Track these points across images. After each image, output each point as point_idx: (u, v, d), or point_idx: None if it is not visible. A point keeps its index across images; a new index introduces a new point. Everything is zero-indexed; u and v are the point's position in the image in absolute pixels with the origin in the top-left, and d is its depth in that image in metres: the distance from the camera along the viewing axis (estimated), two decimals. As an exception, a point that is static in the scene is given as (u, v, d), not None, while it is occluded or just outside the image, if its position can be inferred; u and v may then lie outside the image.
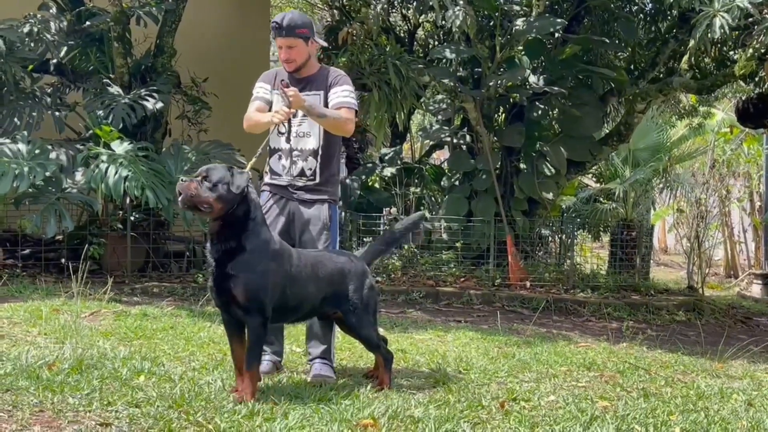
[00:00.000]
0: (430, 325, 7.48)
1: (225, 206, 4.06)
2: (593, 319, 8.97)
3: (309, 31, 4.80)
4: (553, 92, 10.52)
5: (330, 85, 4.84)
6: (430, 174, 12.84)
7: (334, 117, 4.73)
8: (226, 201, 4.05)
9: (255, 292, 4.10)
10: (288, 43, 4.75)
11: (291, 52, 4.77)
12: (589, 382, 5.26)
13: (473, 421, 4.02)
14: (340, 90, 4.81)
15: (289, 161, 4.88)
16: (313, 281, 4.41)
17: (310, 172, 4.86)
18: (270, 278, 4.16)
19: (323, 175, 4.88)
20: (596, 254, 12.48)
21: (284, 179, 4.89)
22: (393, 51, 9.94)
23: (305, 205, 4.87)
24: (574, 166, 11.25)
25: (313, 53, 4.90)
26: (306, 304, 4.43)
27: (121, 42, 9.27)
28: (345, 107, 4.78)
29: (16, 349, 4.85)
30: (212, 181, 4.04)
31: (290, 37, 4.73)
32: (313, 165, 4.86)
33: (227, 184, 4.04)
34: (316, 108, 4.70)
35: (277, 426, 3.63)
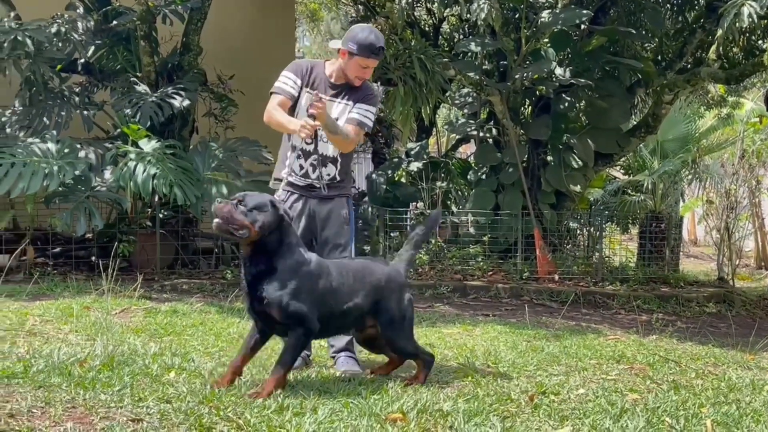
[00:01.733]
0: (458, 319, 7.47)
1: (260, 232, 4.08)
2: (622, 311, 8.91)
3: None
4: (579, 84, 10.45)
5: (360, 99, 4.84)
6: (456, 168, 12.81)
7: (342, 136, 4.73)
8: (262, 227, 4.07)
9: (289, 308, 4.10)
10: (372, 64, 4.77)
11: (368, 73, 4.82)
12: (618, 375, 5.22)
13: (502, 414, 4.00)
14: (363, 108, 4.82)
15: (309, 163, 4.86)
16: (356, 292, 4.40)
17: (329, 177, 4.88)
18: (304, 294, 4.14)
19: (341, 175, 4.93)
20: (625, 246, 12.38)
21: (304, 180, 4.88)
22: (418, 45, 9.91)
23: (324, 202, 4.88)
24: (602, 158, 11.18)
25: None
26: (351, 315, 4.42)
27: (148, 40, 9.33)
28: (355, 125, 4.79)
29: (48, 347, 4.90)
30: (248, 206, 4.07)
31: (377, 58, 4.77)
32: (332, 171, 4.89)
33: (264, 212, 4.07)
34: (332, 126, 4.69)
35: (306, 420, 3.64)
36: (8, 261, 8.02)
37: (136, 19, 9.24)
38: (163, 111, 8.85)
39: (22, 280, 8.09)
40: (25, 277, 8.25)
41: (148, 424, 3.49)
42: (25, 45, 8.58)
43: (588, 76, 10.63)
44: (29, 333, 5.42)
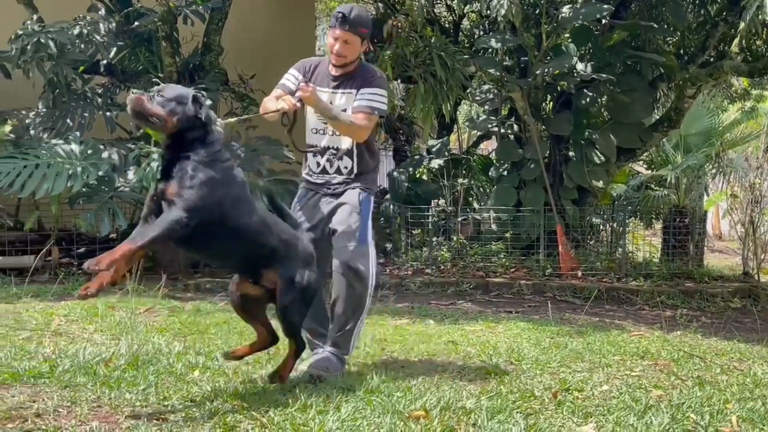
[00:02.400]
0: (480, 316, 7.46)
1: (177, 124, 3.88)
2: (646, 307, 8.87)
3: (368, 32, 4.60)
4: (601, 79, 10.40)
5: (363, 84, 4.59)
6: (477, 164, 12.79)
7: (347, 123, 4.51)
8: (179, 119, 3.87)
9: (182, 190, 3.77)
10: (346, 37, 4.49)
11: (345, 48, 4.52)
12: (642, 371, 5.20)
13: (526, 411, 4.00)
14: (368, 92, 4.56)
15: (325, 159, 4.71)
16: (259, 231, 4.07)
17: (346, 171, 4.68)
18: (204, 184, 3.81)
19: (359, 169, 4.69)
20: (648, 242, 12.30)
21: (321, 177, 4.73)
22: (438, 42, 9.90)
23: (337, 196, 4.68)
24: (625, 153, 11.11)
25: (361, 53, 4.70)
26: (242, 244, 4.03)
27: (169, 41, 9.38)
28: (363, 112, 4.52)
29: (74, 346, 4.94)
30: (166, 96, 3.88)
31: (351, 32, 4.48)
32: (348, 164, 4.68)
33: (183, 104, 3.87)
34: (330, 110, 4.50)
35: (329, 418, 3.65)
36: (34, 262, 8.10)
37: (157, 20, 9.28)
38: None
39: (47, 280, 8.17)
40: (51, 277, 8.34)
41: (172, 423, 3.52)
42: (48, 47, 8.65)
43: (609, 71, 10.56)
44: (55, 333, 5.48)
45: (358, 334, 4.75)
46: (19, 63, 8.76)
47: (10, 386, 3.96)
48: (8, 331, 5.39)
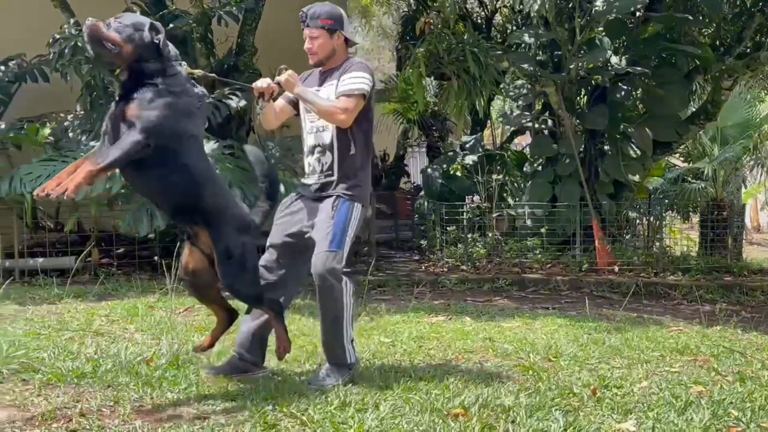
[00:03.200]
0: (517, 312, 7.43)
1: (132, 51, 3.79)
2: (685, 302, 8.79)
3: (335, 23, 4.41)
4: (636, 72, 10.31)
5: (342, 72, 4.41)
6: (512, 160, 12.75)
7: (323, 106, 4.32)
8: (136, 46, 3.78)
9: (142, 111, 3.72)
10: (310, 33, 4.40)
11: (313, 44, 4.41)
12: (682, 367, 5.16)
13: (565, 408, 3.98)
14: (348, 77, 4.36)
15: (313, 158, 4.49)
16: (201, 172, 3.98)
17: (326, 167, 4.42)
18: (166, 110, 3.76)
19: (341, 170, 4.40)
20: (686, 235, 12.19)
21: (309, 179, 4.50)
22: (471, 38, 9.88)
23: (316, 201, 4.43)
24: (661, 146, 11.02)
25: (339, 47, 4.48)
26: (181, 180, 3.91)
27: (204, 42, 9.45)
28: (344, 95, 4.32)
29: (115, 346, 5.01)
30: (123, 22, 3.80)
31: (312, 27, 4.39)
32: (329, 159, 4.42)
33: (140, 30, 3.79)
34: (307, 95, 4.35)
35: (368, 416, 3.67)
36: (74, 263, 8.21)
37: (192, 22, 9.35)
38: (221, 112, 8.95)
39: (87, 281, 8.27)
40: (91, 278, 8.45)
41: (214, 422, 3.56)
42: (85, 50, 8.72)
43: (644, 64, 10.47)
44: (96, 333, 5.55)
45: (348, 339, 4.39)
46: (57, 66, 8.86)
47: (55, 386, 4.02)
48: (51, 332, 5.47)
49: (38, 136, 8.68)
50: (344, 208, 4.34)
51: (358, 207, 4.41)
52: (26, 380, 4.10)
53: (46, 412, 3.58)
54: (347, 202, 4.36)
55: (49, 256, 8.75)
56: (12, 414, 3.56)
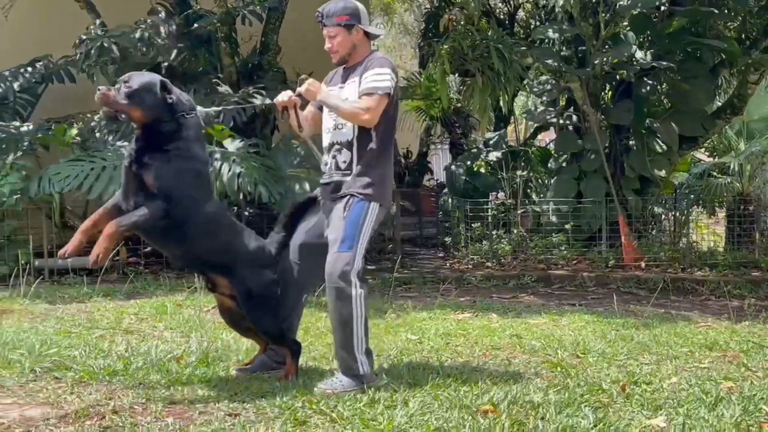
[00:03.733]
0: (543, 309, 7.42)
1: (145, 115, 3.86)
2: (713, 297, 8.72)
3: (351, 18, 4.33)
4: (661, 67, 10.24)
5: (364, 69, 4.32)
6: (536, 156, 12.70)
7: (346, 109, 4.24)
8: (146, 113, 3.85)
9: (163, 179, 3.83)
10: (328, 32, 4.35)
11: (333, 42, 4.35)
12: (711, 363, 5.13)
13: (594, 405, 3.98)
14: (370, 74, 4.27)
15: (331, 156, 4.40)
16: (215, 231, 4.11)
17: (344, 165, 4.32)
18: (184, 179, 3.89)
19: (359, 167, 4.29)
20: (712, 231, 12.10)
21: (327, 177, 4.41)
22: (495, 35, 9.85)
23: (334, 202, 4.34)
24: (687, 141, 10.93)
25: (360, 41, 4.39)
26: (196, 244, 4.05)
27: (228, 42, 9.50)
28: (366, 94, 4.23)
29: (145, 344, 5.07)
30: (132, 87, 3.82)
31: (329, 26, 4.34)
32: (347, 157, 4.32)
33: (150, 93, 3.84)
34: (330, 98, 4.30)
35: (398, 413, 3.68)
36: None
37: (216, 22, 9.41)
38: (246, 111, 8.99)
39: (116, 279, 8.35)
40: (119, 276, 8.53)
41: (244, 419, 3.59)
42: (111, 51, 8.82)
43: (670, 59, 10.39)
44: (126, 331, 5.61)
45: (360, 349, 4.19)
46: (83, 67, 8.95)
47: (87, 384, 4.07)
48: (82, 330, 5.54)
49: (65, 137, 8.77)
50: (358, 208, 4.23)
51: (375, 207, 4.29)
52: (59, 378, 4.16)
53: (79, 409, 3.62)
54: (362, 201, 4.25)
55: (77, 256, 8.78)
56: (46, 411, 3.61)
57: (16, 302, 6.80)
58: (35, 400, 3.80)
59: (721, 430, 3.62)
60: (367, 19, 4.46)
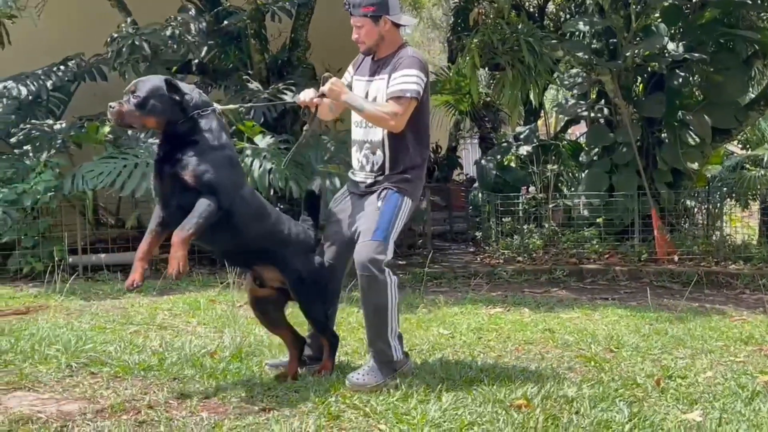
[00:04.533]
0: (575, 303, 7.37)
1: (159, 121, 3.81)
2: (747, 291, 8.62)
3: (378, 9, 4.17)
4: (693, 59, 10.14)
5: (394, 68, 4.19)
6: (567, 150, 12.62)
7: (372, 112, 4.15)
8: (159, 116, 3.79)
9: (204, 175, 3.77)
10: (354, 22, 4.23)
11: (359, 32, 4.23)
12: (747, 357, 5.08)
13: (629, 399, 3.96)
14: (399, 76, 4.14)
15: (362, 155, 4.34)
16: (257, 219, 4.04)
17: (377, 166, 4.26)
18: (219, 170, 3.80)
19: (392, 168, 4.24)
20: (746, 224, 11.96)
21: (359, 175, 4.37)
22: (525, 28, 9.79)
23: (365, 195, 4.31)
24: (720, 133, 10.81)
25: (387, 32, 4.24)
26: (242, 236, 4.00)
27: (258, 38, 9.54)
28: (393, 98, 4.11)
29: (179, 339, 5.10)
30: (141, 96, 3.75)
31: (356, 16, 4.21)
32: (380, 159, 4.25)
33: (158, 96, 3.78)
34: (355, 101, 4.19)
35: (431, 407, 3.69)
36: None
37: (246, 18, 9.44)
38: (276, 107, 9.02)
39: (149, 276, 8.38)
40: (152, 273, 8.56)
41: (278, 413, 3.60)
42: (142, 49, 8.86)
43: (702, 50, 10.29)
44: (160, 327, 5.66)
45: (393, 335, 4.18)
46: (114, 65, 9.01)
47: (123, 379, 4.11)
48: (116, 326, 5.60)
49: (98, 135, 8.83)
50: (393, 199, 4.19)
51: (408, 201, 4.25)
52: (95, 373, 4.21)
53: (115, 404, 3.66)
54: (396, 193, 4.21)
55: (111, 252, 8.90)
56: (83, 406, 3.65)
57: (52, 298, 6.88)
58: (72, 395, 3.84)
59: (758, 424, 3.59)
60: (397, 9, 4.29)
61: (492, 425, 3.48)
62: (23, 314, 6.13)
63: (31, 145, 8.85)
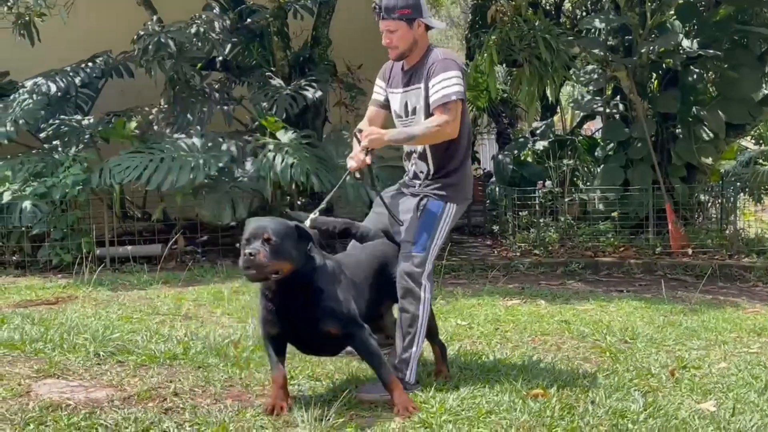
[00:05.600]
0: (591, 295, 7.34)
1: (291, 267, 3.46)
2: (760, 284, 8.57)
3: (413, 11, 3.97)
4: (708, 55, 10.05)
5: (428, 76, 4.00)
6: (583, 145, 12.54)
7: (423, 134, 3.97)
8: (295, 263, 3.48)
9: (342, 314, 3.59)
10: (387, 26, 3.99)
11: (392, 37, 4.00)
12: (761, 348, 5.06)
13: (644, 389, 3.95)
14: (438, 82, 3.95)
15: (410, 163, 4.22)
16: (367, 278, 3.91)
17: (423, 175, 4.14)
18: (344, 294, 3.65)
19: (437, 174, 4.10)
20: (759, 218, 11.87)
21: (411, 182, 4.23)
22: (542, 25, 9.73)
23: (412, 198, 4.14)
24: (733, 129, 10.72)
25: (420, 36, 4.06)
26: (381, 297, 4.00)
27: (280, 36, 9.54)
28: (440, 106, 3.94)
29: (204, 329, 5.11)
30: (274, 242, 3.41)
31: (389, 19, 3.97)
32: (424, 168, 4.13)
33: (292, 242, 3.48)
34: (400, 136, 4.04)
35: (449, 396, 3.68)
36: (162, 250, 8.38)
37: (268, 16, 9.46)
38: (297, 103, 9.02)
39: (174, 267, 8.44)
40: (177, 264, 8.62)
41: (301, 400, 3.61)
42: (168, 46, 8.88)
43: (716, 47, 10.20)
44: (185, 317, 5.68)
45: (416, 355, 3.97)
46: (141, 62, 9.04)
47: (149, 367, 4.12)
48: (143, 316, 5.61)
49: (125, 130, 8.88)
50: (433, 209, 4.05)
51: (452, 207, 4.10)
52: (122, 362, 4.22)
53: (141, 391, 3.67)
54: (437, 201, 4.07)
55: (137, 244, 8.94)
56: (110, 393, 3.66)
57: (80, 289, 6.91)
58: (100, 382, 3.86)
59: (771, 414, 3.56)
60: (428, 11, 4.13)
61: (509, 414, 3.47)
62: (53, 304, 6.16)
63: (60, 140, 8.91)
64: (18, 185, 8.29)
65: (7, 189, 8.26)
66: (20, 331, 4.79)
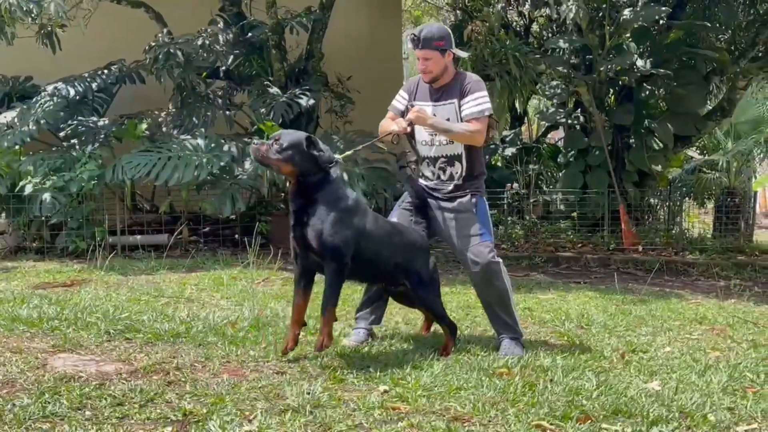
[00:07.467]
0: (552, 286, 7.36)
1: (294, 170, 3.78)
2: (702, 278, 8.61)
3: (445, 43, 4.29)
4: (659, 74, 10.10)
5: (462, 93, 4.32)
6: (547, 152, 12.60)
7: (459, 132, 4.28)
8: (295, 165, 3.76)
9: (327, 238, 3.74)
10: (424, 55, 4.29)
11: (428, 64, 4.30)
12: (701, 335, 5.09)
13: (597, 370, 3.96)
14: (471, 99, 4.28)
15: (438, 168, 4.42)
16: (386, 245, 4.06)
17: (457, 176, 4.39)
18: (342, 228, 3.77)
19: (470, 174, 4.40)
20: (702, 220, 11.95)
21: (435, 184, 4.45)
22: (512, 44, 9.74)
23: (449, 201, 4.42)
24: (681, 140, 10.79)
25: (450, 63, 4.37)
26: (378, 264, 4.06)
27: (278, 49, 9.49)
28: (473, 118, 4.26)
29: (204, 311, 5.09)
30: (282, 145, 3.75)
31: (426, 49, 4.27)
32: (459, 169, 4.38)
33: (298, 148, 3.75)
34: (441, 124, 4.29)
35: (423, 374, 3.69)
36: (168, 240, 8.35)
37: (268, 31, 9.40)
38: (292, 109, 8.99)
39: (179, 255, 8.40)
40: (181, 252, 8.58)
41: (290, 375, 3.60)
42: (177, 56, 8.83)
43: (667, 66, 10.25)
44: (188, 300, 5.65)
45: (516, 310, 4.48)
46: (152, 70, 8.98)
47: (154, 344, 4.10)
48: (150, 298, 5.58)
49: (136, 131, 8.84)
50: (481, 203, 4.42)
51: (485, 201, 4.50)
52: (129, 339, 4.20)
53: (147, 365, 3.65)
54: (480, 198, 4.43)
55: (146, 234, 8.90)
56: (119, 367, 3.64)
57: (93, 273, 6.87)
58: (109, 357, 3.83)
59: (709, 393, 3.59)
60: (454, 43, 4.41)
61: (477, 390, 3.48)
62: (68, 286, 6.12)
63: (77, 138, 8.84)
64: (39, 179, 8.22)
65: (29, 182, 8.19)
66: (39, 310, 4.76)
